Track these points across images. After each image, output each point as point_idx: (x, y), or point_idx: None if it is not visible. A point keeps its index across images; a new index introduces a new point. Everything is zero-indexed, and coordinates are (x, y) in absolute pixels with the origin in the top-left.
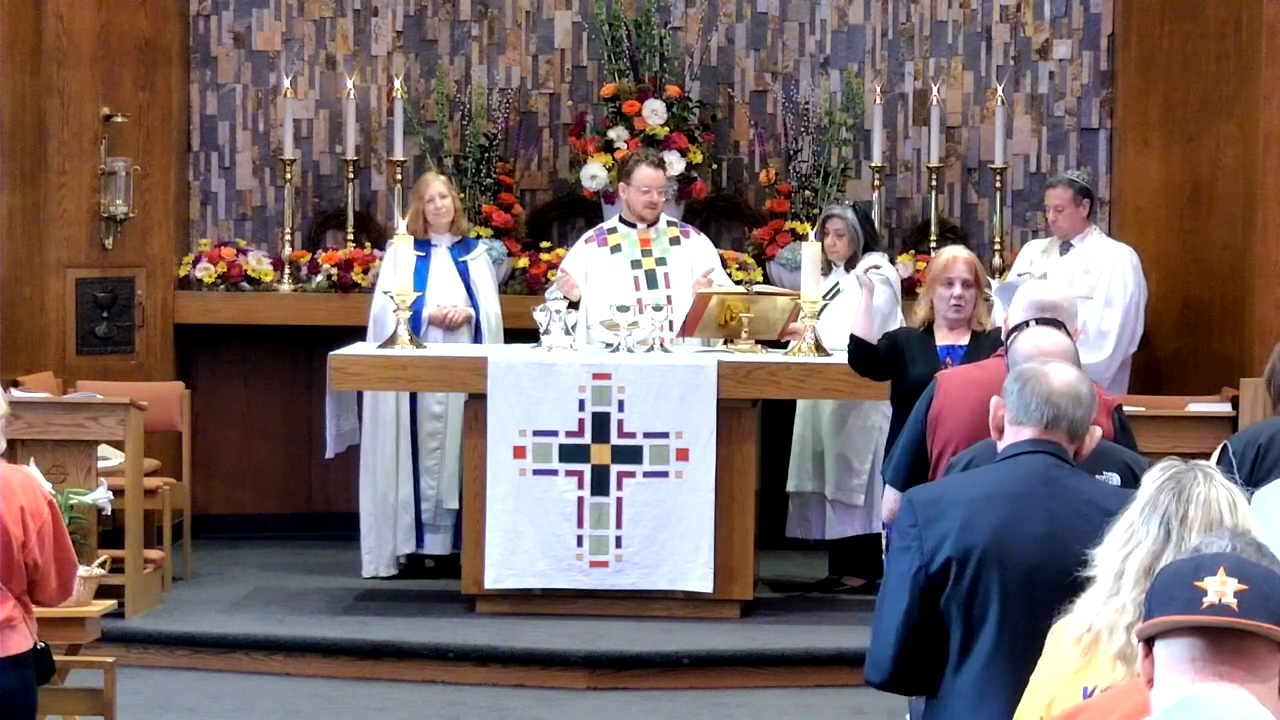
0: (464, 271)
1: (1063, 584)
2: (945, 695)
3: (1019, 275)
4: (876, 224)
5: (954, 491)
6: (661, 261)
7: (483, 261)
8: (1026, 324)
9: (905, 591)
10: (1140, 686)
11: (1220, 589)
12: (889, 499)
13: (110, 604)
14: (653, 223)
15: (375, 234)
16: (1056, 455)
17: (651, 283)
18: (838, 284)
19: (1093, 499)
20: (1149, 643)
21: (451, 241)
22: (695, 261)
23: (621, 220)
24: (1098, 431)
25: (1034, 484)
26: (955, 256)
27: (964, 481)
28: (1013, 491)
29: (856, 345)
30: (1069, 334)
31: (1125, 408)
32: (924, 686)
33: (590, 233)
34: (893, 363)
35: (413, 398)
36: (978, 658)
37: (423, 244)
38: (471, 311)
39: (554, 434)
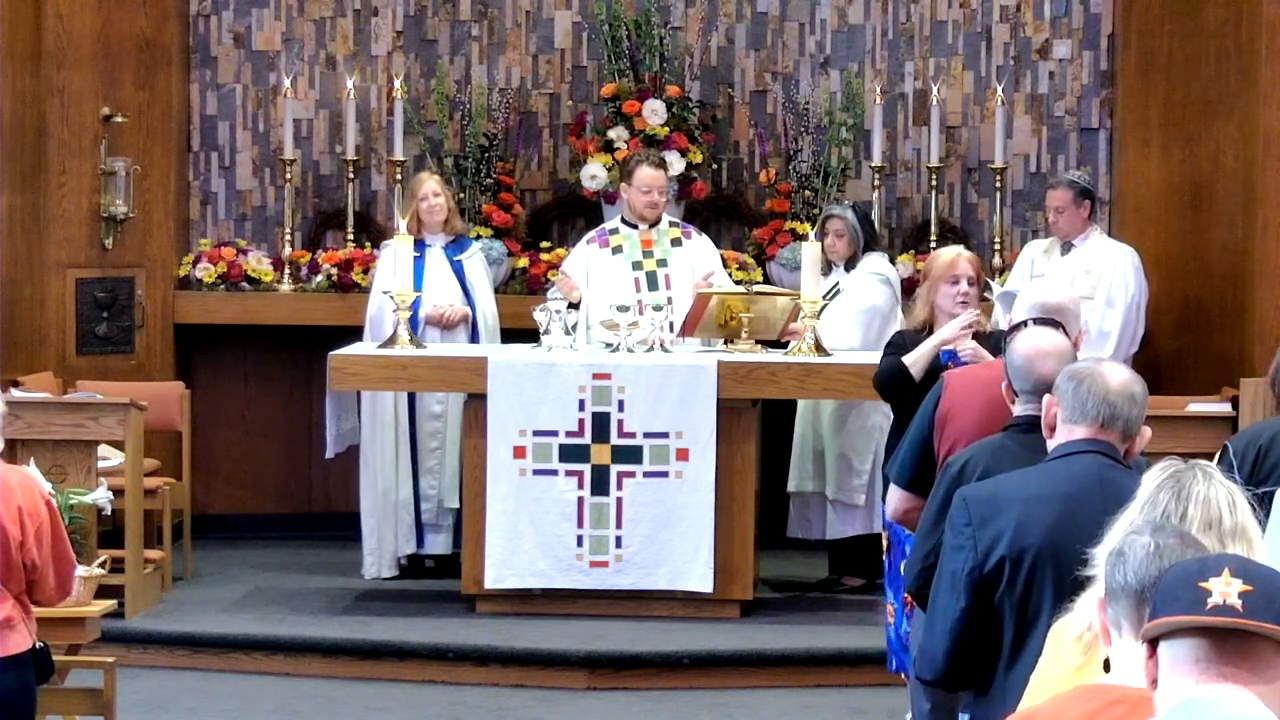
0: (459, 270)
1: None
2: (996, 692)
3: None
4: (876, 224)
5: (1008, 490)
6: (663, 263)
7: (478, 260)
8: (1025, 324)
9: (959, 590)
10: (1086, 694)
11: (1225, 590)
12: (894, 498)
13: (110, 604)
14: (654, 223)
15: (375, 234)
16: (1109, 455)
17: (652, 284)
18: (837, 284)
19: None
20: (1153, 643)
21: (446, 241)
22: (696, 262)
23: (623, 221)
24: (1147, 432)
25: (1088, 484)
26: (959, 255)
27: (1018, 480)
28: (1067, 491)
29: (902, 374)
30: (1068, 335)
31: None
32: (975, 683)
33: (592, 233)
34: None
35: (411, 398)
36: (1030, 656)
37: (417, 244)
38: (468, 310)
39: (554, 434)
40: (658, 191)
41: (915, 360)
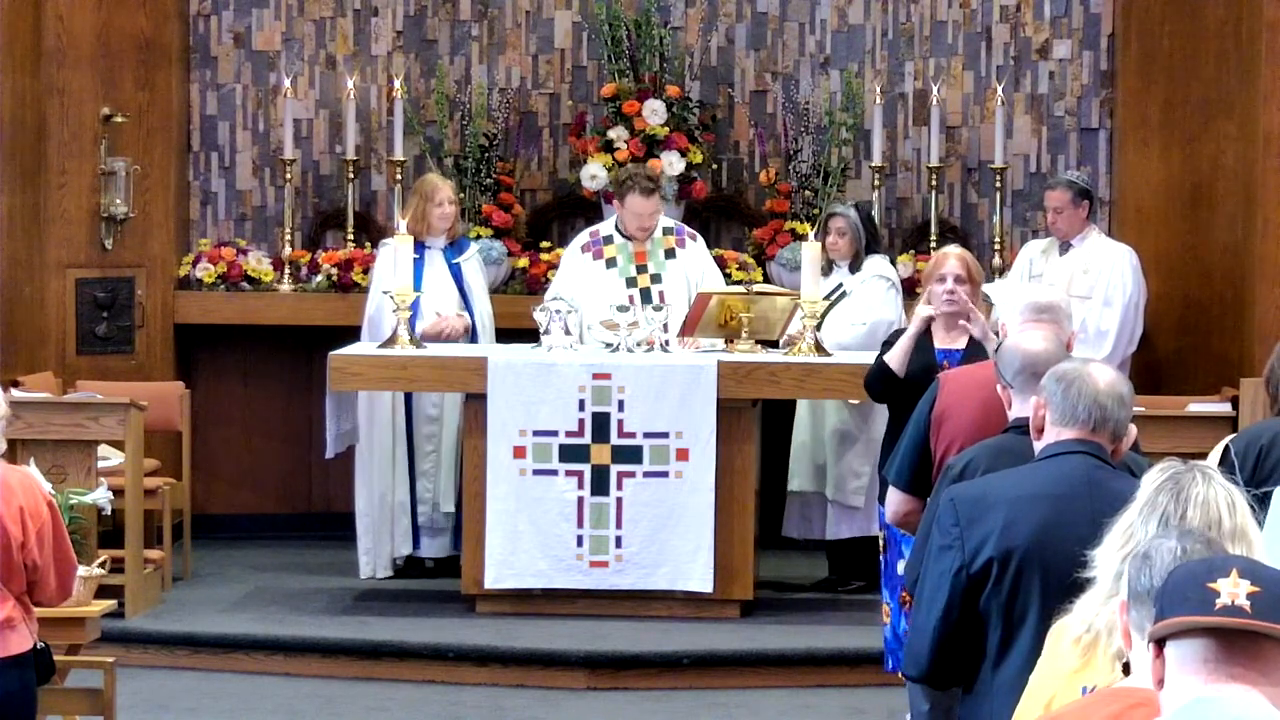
0: (457, 273)
1: None
2: (982, 691)
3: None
4: (877, 224)
5: (997, 491)
6: (656, 278)
7: (475, 262)
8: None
9: (946, 590)
10: (1109, 696)
11: (1233, 590)
12: (893, 500)
13: (110, 604)
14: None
15: (375, 234)
16: (1097, 456)
17: (646, 299)
18: (840, 285)
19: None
20: (1159, 644)
21: (445, 243)
22: (691, 272)
23: (618, 229)
24: (1134, 430)
25: (1076, 485)
26: (947, 253)
27: (1006, 481)
28: (1055, 493)
29: (884, 372)
30: (1061, 335)
31: None
32: (961, 681)
33: (585, 237)
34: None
35: (408, 401)
36: (1017, 656)
37: (417, 245)
38: (468, 319)
39: (554, 434)
40: (648, 217)
41: (894, 356)
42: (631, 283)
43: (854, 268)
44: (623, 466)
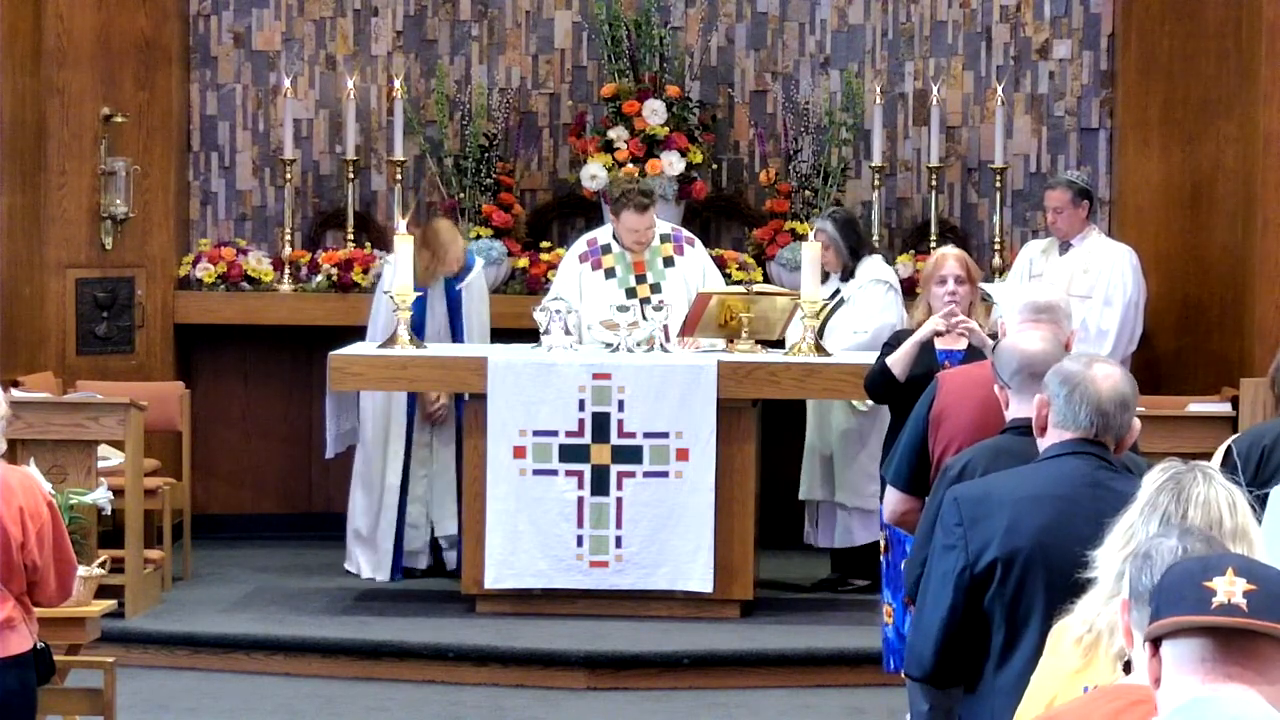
0: (455, 300)
1: None
2: (985, 691)
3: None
4: (876, 224)
5: (1000, 491)
6: (656, 288)
7: (477, 283)
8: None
9: (949, 590)
10: (1110, 694)
11: (1229, 589)
12: (891, 500)
13: (110, 604)
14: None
15: (375, 234)
16: (1100, 456)
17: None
18: (838, 292)
19: None
20: (1155, 643)
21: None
22: (691, 277)
23: (615, 238)
24: (1137, 425)
25: (1079, 486)
26: (945, 254)
27: (1009, 480)
28: (1058, 493)
29: (885, 375)
30: (1060, 335)
31: None
32: (963, 680)
33: (583, 246)
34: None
35: (409, 426)
36: (1020, 657)
37: None
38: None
39: (554, 434)
40: (644, 232)
41: (896, 361)
42: (631, 293)
43: (847, 277)
44: (623, 466)
